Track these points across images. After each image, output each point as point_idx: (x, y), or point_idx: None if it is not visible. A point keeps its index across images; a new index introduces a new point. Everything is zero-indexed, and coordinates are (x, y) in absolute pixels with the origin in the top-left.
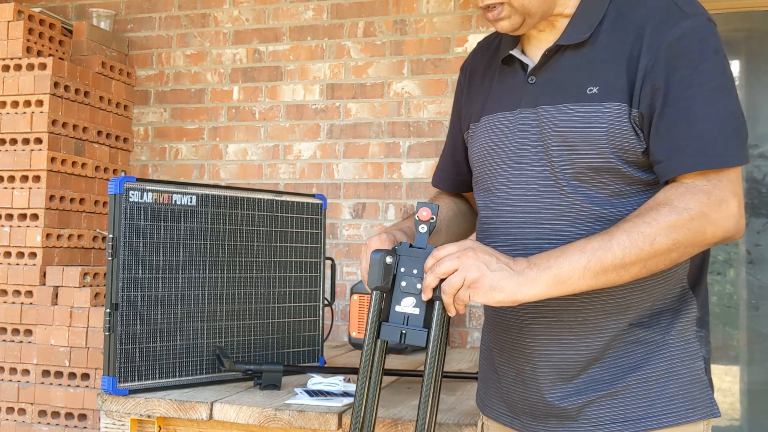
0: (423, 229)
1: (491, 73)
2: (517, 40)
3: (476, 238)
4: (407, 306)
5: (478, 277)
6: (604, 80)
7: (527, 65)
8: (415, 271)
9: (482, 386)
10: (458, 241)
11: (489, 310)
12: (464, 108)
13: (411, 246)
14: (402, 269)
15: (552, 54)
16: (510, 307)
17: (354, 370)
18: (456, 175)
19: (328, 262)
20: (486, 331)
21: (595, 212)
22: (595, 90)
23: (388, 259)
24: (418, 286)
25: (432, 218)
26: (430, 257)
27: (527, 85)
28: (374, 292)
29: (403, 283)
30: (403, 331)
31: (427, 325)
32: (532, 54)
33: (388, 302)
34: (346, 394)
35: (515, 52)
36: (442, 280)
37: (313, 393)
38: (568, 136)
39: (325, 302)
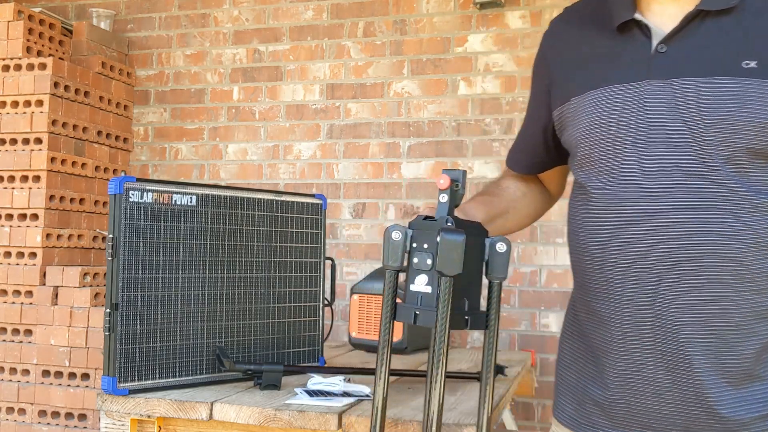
0: (443, 198)
1: (593, 41)
2: (631, 4)
3: (579, 228)
4: (420, 284)
5: None
6: (765, 54)
7: (650, 32)
8: (425, 246)
9: (572, 401)
10: (526, 222)
11: (600, 313)
12: (556, 82)
13: (426, 218)
14: (414, 244)
15: (689, 20)
16: (645, 305)
17: (354, 370)
18: (531, 156)
19: (328, 262)
20: (581, 337)
21: (753, 201)
22: (753, 64)
23: (395, 235)
24: (429, 261)
25: (451, 185)
26: None
27: (656, 54)
28: (388, 273)
29: (415, 260)
30: (417, 312)
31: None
32: (657, 20)
33: (405, 281)
34: (346, 394)
35: (639, 16)
36: None
37: (313, 393)
38: (724, 113)
39: (325, 302)
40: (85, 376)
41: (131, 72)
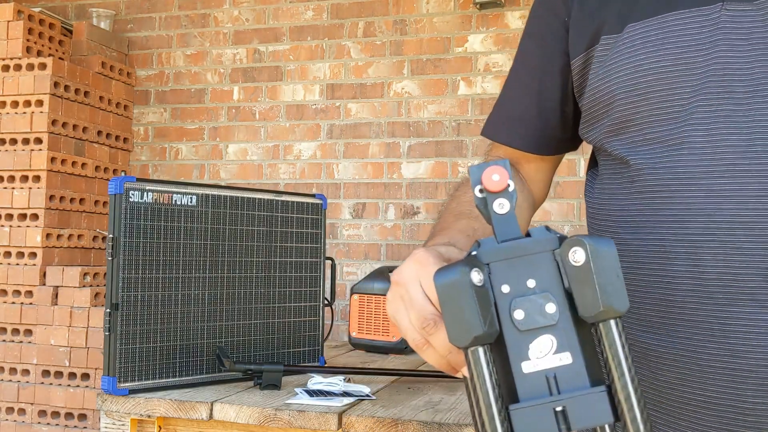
0: (502, 207)
1: None
2: None
3: (614, 224)
4: (544, 353)
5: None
6: None
7: None
8: (532, 283)
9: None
10: None
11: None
12: (578, 18)
13: (501, 242)
14: (505, 288)
15: None
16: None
17: (354, 370)
18: (542, 129)
19: (328, 262)
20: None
21: None
22: None
23: (476, 277)
24: (552, 307)
25: (509, 185)
26: None
27: None
28: (474, 352)
29: (519, 314)
30: (561, 408)
31: (595, 378)
32: None
33: (503, 363)
34: (346, 394)
35: None
36: None
37: (313, 393)
38: None
39: (325, 302)
40: (85, 376)
41: (131, 72)
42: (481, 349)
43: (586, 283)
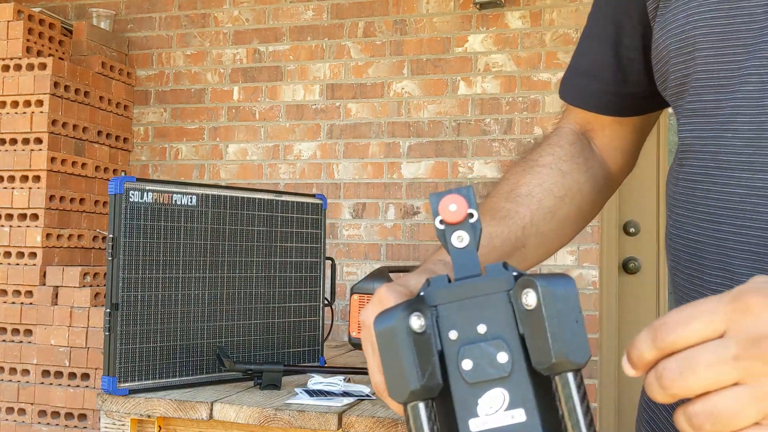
0: (461, 240)
1: None
2: None
3: (684, 221)
4: (494, 411)
5: None
6: None
7: None
8: (483, 329)
9: None
10: (556, 249)
11: None
12: None
13: (450, 281)
14: (452, 334)
15: None
16: None
17: (354, 370)
18: (619, 85)
19: (328, 262)
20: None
21: None
22: None
23: (416, 322)
24: (504, 357)
25: (470, 213)
26: (646, 343)
27: None
28: (414, 408)
29: (467, 364)
30: None
31: None
32: None
33: (448, 418)
34: (346, 394)
35: None
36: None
37: (313, 393)
38: None
39: (325, 302)
40: (85, 376)
41: (131, 72)
42: (421, 405)
43: (538, 330)
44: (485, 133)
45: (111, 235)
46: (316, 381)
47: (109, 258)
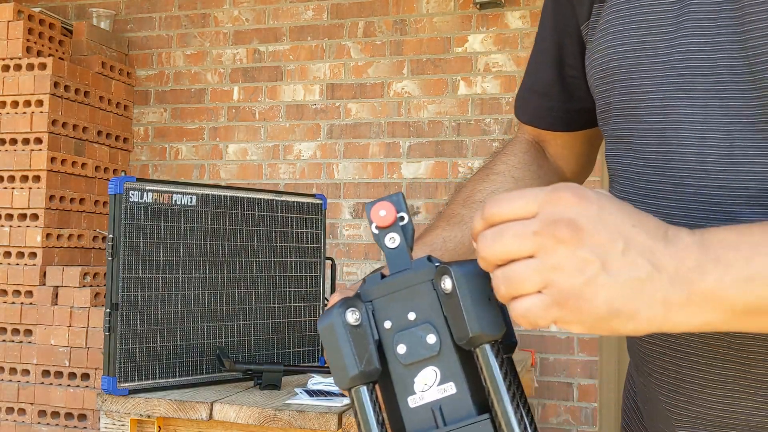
0: (393, 241)
1: None
2: None
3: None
4: (428, 387)
5: (574, 287)
6: None
7: None
8: (412, 316)
9: None
10: None
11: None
12: None
13: (384, 276)
14: (387, 324)
15: None
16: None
17: None
18: (563, 100)
19: (328, 262)
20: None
21: None
22: None
23: (351, 316)
24: (432, 338)
25: (400, 216)
26: (478, 217)
27: None
28: (356, 392)
29: (401, 349)
30: None
31: (482, 405)
32: None
33: (390, 399)
34: None
35: None
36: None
37: (313, 393)
38: None
39: (325, 302)
40: (85, 376)
41: (131, 72)
42: (363, 389)
43: (456, 310)
44: (485, 133)
45: (111, 235)
46: (316, 381)
47: (109, 258)
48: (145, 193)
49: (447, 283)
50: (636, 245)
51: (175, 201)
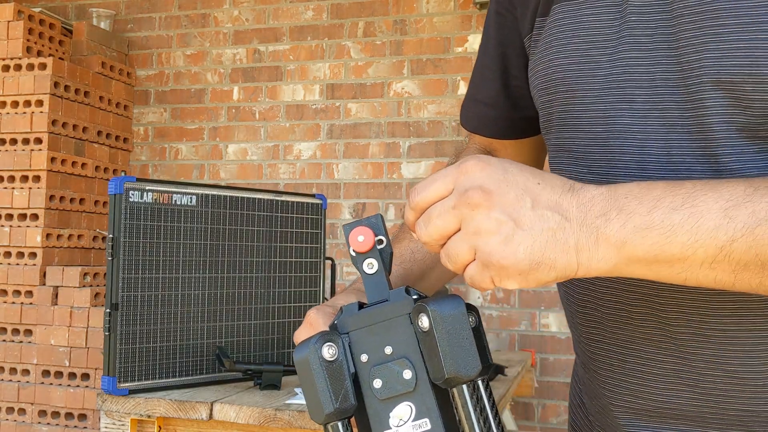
0: (371, 267)
1: None
2: None
3: None
4: (403, 422)
5: (495, 247)
6: None
7: None
8: (389, 350)
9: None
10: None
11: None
12: None
13: (363, 306)
14: (363, 357)
15: None
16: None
17: None
18: (508, 109)
19: (328, 262)
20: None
21: None
22: None
23: (327, 352)
24: (408, 373)
25: (379, 240)
26: (408, 209)
27: None
28: (333, 427)
29: (377, 383)
30: None
31: None
32: None
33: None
34: None
35: None
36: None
37: None
38: (735, 45)
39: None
40: (85, 376)
41: (131, 72)
42: (339, 425)
43: (432, 349)
44: None
45: (111, 235)
46: None
47: (109, 258)
48: (145, 193)
49: (424, 322)
50: (543, 200)
51: (175, 201)
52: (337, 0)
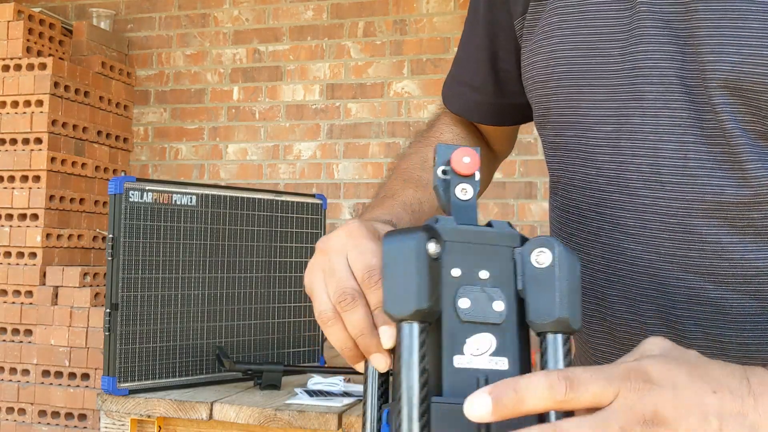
0: (465, 193)
1: None
2: None
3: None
4: (480, 353)
5: None
6: None
7: None
8: (485, 275)
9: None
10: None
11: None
12: None
13: (460, 224)
14: (455, 272)
15: None
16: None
17: (354, 370)
18: (495, 95)
19: None
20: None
21: None
22: None
23: (432, 248)
24: (500, 305)
25: (476, 173)
26: (545, 395)
27: None
28: (410, 327)
29: (464, 303)
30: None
31: None
32: None
33: (435, 349)
34: (346, 394)
35: None
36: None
37: (313, 393)
38: (745, 41)
39: None
40: (85, 376)
41: (131, 72)
42: (417, 326)
43: (545, 288)
44: None
45: (111, 235)
46: (316, 381)
47: (109, 258)
48: (145, 193)
49: (544, 258)
50: (728, 416)
51: (175, 201)
52: (337, 0)
